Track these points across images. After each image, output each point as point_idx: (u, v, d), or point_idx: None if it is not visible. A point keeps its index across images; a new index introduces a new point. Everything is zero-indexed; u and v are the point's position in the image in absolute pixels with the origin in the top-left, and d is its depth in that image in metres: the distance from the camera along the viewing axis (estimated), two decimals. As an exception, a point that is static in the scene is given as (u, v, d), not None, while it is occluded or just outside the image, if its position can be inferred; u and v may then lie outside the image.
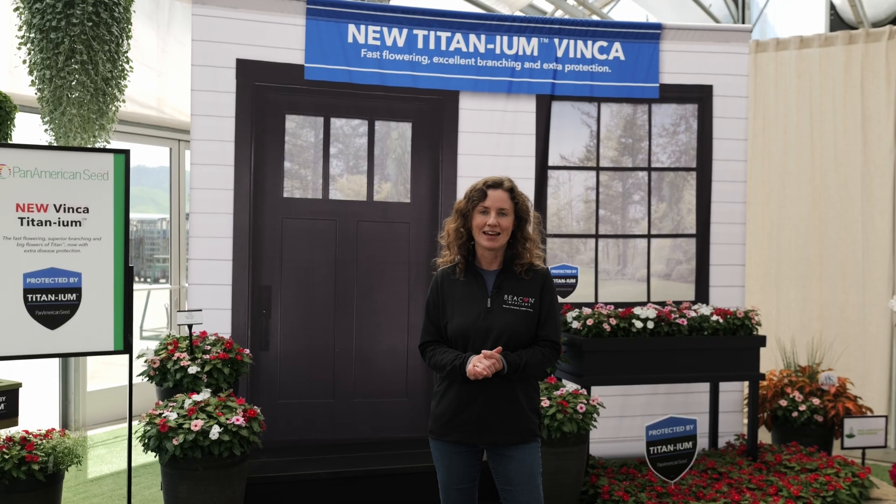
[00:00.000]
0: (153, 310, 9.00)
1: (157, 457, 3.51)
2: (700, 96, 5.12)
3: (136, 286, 10.02)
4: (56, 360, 6.12)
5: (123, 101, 4.55)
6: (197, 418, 3.48)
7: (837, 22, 8.76)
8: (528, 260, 2.83)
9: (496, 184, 2.85)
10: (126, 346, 4.16)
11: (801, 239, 6.41)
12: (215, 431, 3.42)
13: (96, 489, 4.77)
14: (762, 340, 4.59)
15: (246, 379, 4.45)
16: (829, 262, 6.32)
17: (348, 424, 4.69)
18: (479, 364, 2.65)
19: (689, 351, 4.46)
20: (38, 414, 6.33)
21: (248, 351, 4.13)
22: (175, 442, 3.39)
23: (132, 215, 4.01)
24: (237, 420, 3.50)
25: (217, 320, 4.42)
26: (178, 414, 3.51)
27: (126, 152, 4.12)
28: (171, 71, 6.57)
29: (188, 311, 3.96)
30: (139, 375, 4.05)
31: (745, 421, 5.02)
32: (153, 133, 6.73)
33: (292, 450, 4.43)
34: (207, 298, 4.44)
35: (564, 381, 4.55)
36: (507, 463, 2.79)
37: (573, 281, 5.01)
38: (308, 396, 4.64)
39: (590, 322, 4.35)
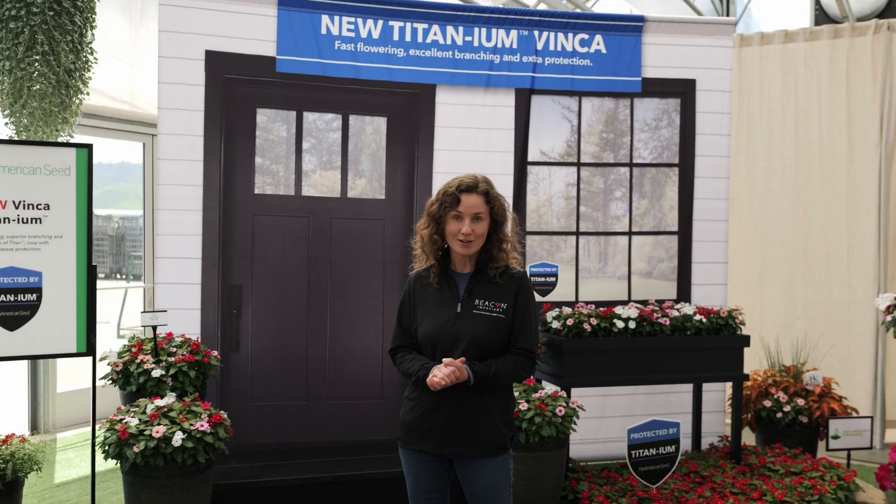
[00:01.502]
0: (132, 308, 8.85)
1: (118, 464, 3.37)
2: (683, 90, 5.01)
3: (115, 284, 9.87)
4: (24, 361, 5.96)
5: (87, 93, 4.38)
6: (159, 424, 3.34)
7: (823, 17, 8.68)
8: (503, 263, 2.69)
9: (470, 187, 2.66)
10: (89, 349, 4.01)
11: (785, 236, 6.32)
12: (178, 438, 3.28)
13: (62, 495, 4.62)
14: (746, 340, 4.48)
15: (215, 381, 4.31)
16: (813, 259, 6.23)
17: (322, 427, 4.56)
18: (438, 373, 2.52)
19: (671, 351, 4.35)
20: (6, 416, 6.16)
21: (216, 353, 3.99)
22: (136, 449, 3.25)
23: (114, 212, 3.89)
24: (201, 426, 3.36)
25: (185, 321, 4.28)
26: (139, 420, 3.37)
27: (89, 147, 3.97)
28: (143, 64, 6.40)
29: (152, 311, 3.81)
30: (102, 379, 3.90)
31: (728, 421, 4.92)
32: (126, 128, 6.56)
33: (263, 454, 4.29)
34: (176, 298, 4.29)
35: (545, 383, 4.43)
36: (473, 476, 2.66)
37: (553, 279, 4.89)
38: (280, 399, 4.50)
39: (570, 322, 4.23)
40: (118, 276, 9.97)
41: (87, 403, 6.24)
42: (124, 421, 3.36)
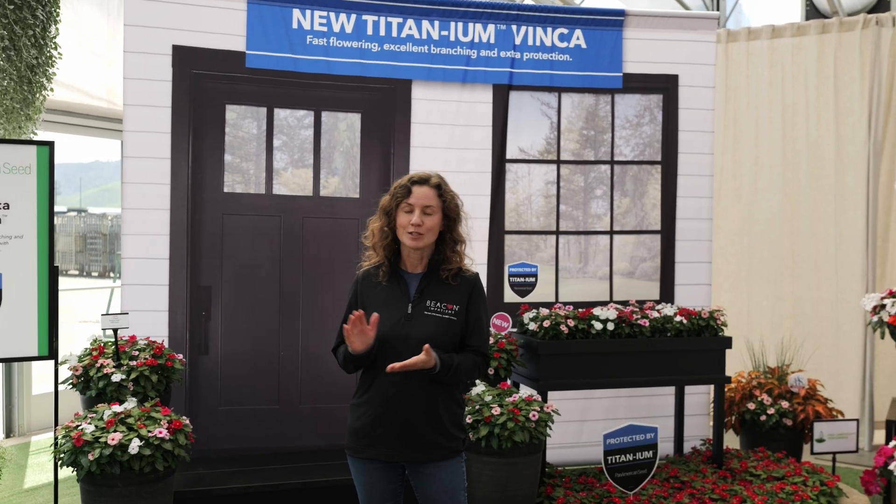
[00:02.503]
0: (117, 307, 8.73)
1: (74, 472, 3.26)
2: (665, 86, 4.90)
3: (104, 283, 9.74)
4: (-3, 363, 5.84)
5: (52, 89, 4.27)
6: (115, 431, 3.22)
7: (813, 12, 8.58)
8: (456, 264, 2.61)
9: (422, 180, 2.61)
10: (51, 352, 3.91)
11: (772, 234, 6.21)
12: (135, 445, 3.17)
13: (30, 500, 4.52)
14: (728, 342, 4.38)
15: (183, 386, 4.20)
16: (801, 258, 6.13)
17: (295, 432, 4.45)
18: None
19: (651, 353, 4.25)
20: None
21: (180, 356, 3.88)
22: (91, 457, 3.14)
23: (109, 210, 3.78)
24: (160, 432, 3.25)
25: (153, 323, 4.17)
26: (95, 426, 3.26)
27: (50, 144, 3.86)
28: (121, 60, 6.28)
29: (113, 314, 3.70)
30: (62, 383, 3.79)
31: (712, 424, 4.81)
32: (104, 125, 6.44)
33: (233, 460, 4.18)
34: (142, 299, 4.18)
35: (522, 387, 4.33)
36: (426, 481, 2.57)
37: (533, 280, 4.78)
38: (251, 402, 4.40)
39: (546, 323, 4.12)
40: (111, 274, 9.86)
41: (62, 406, 6.12)
42: (80, 427, 3.25)
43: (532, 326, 4.20)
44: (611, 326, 4.18)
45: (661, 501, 3.87)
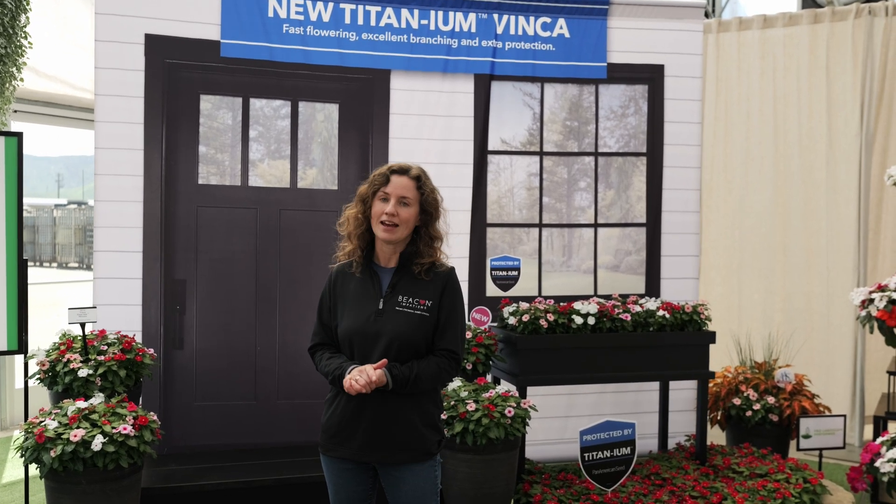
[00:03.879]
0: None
1: (38, 469, 3.20)
2: (650, 76, 4.82)
3: (84, 276, 9.67)
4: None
5: (22, 79, 4.20)
6: (78, 427, 3.16)
7: (811, 3, 8.47)
8: (429, 259, 2.51)
9: (402, 170, 2.51)
10: (20, 346, 3.85)
11: (764, 227, 6.12)
12: (98, 442, 3.11)
13: (6, 496, 4.46)
14: (711, 337, 4.30)
15: (158, 380, 4.13)
16: (792, 251, 6.04)
17: (272, 428, 4.38)
18: (358, 379, 2.34)
19: (633, 348, 4.17)
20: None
21: (151, 351, 3.81)
22: (52, 454, 3.08)
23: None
24: (124, 429, 3.18)
25: (127, 317, 4.10)
26: (58, 422, 3.19)
27: (18, 135, 3.80)
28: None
29: (80, 308, 3.63)
30: (30, 378, 3.73)
31: (698, 420, 4.74)
32: (90, 117, 6.38)
33: (208, 456, 4.12)
34: (115, 293, 4.12)
35: (502, 382, 4.26)
36: (397, 484, 2.49)
37: (515, 273, 4.71)
38: (227, 398, 4.33)
39: (526, 318, 4.05)
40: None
41: (39, 401, 6.07)
42: (42, 424, 3.19)
43: (511, 321, 4.13)
44: (591, 321, 4.10)
45: (640, 499, 3.80)
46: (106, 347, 3.68)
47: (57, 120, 6.10)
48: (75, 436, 3.10)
